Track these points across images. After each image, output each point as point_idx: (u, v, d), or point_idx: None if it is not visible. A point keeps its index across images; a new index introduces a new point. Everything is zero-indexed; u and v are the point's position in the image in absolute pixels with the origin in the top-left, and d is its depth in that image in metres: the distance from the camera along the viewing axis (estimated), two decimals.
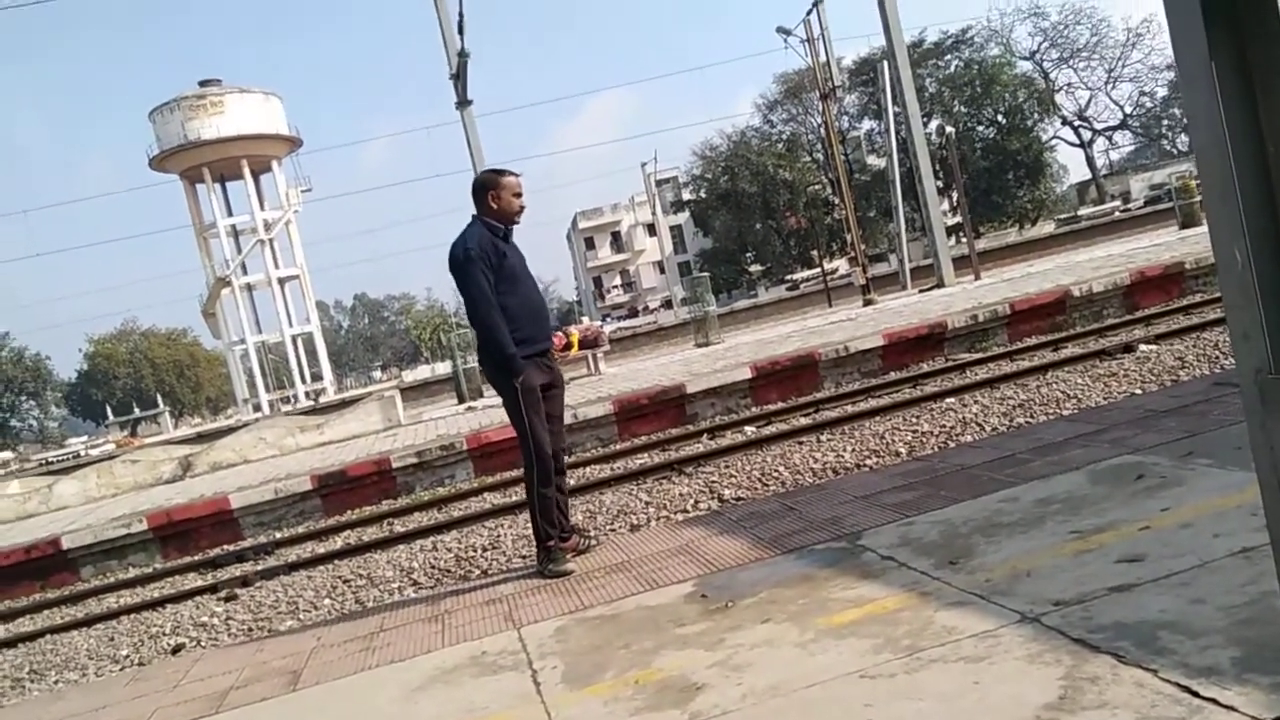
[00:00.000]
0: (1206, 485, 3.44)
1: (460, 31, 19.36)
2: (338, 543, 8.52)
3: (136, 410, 70.21)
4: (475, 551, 6.91)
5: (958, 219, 40.04)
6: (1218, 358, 8.01)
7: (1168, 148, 63.72)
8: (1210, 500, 3.24)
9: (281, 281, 56.46)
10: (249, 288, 56.86)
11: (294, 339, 56.78)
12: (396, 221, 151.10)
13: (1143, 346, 9.35)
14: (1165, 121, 62.11)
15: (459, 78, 19.85)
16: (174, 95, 54.09)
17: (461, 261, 4.35)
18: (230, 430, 22.40)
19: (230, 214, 56.88)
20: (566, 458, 4.92)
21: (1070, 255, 22.92)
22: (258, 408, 52.21)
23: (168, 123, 53.77)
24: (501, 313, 4.34)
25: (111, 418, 69.30)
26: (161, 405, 68.42)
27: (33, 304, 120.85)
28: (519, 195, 4.55)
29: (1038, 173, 53.82)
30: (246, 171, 54.62)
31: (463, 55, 19.62)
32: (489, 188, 4.50)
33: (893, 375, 11.26)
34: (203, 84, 55.74)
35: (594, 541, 4.76)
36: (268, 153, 55.94)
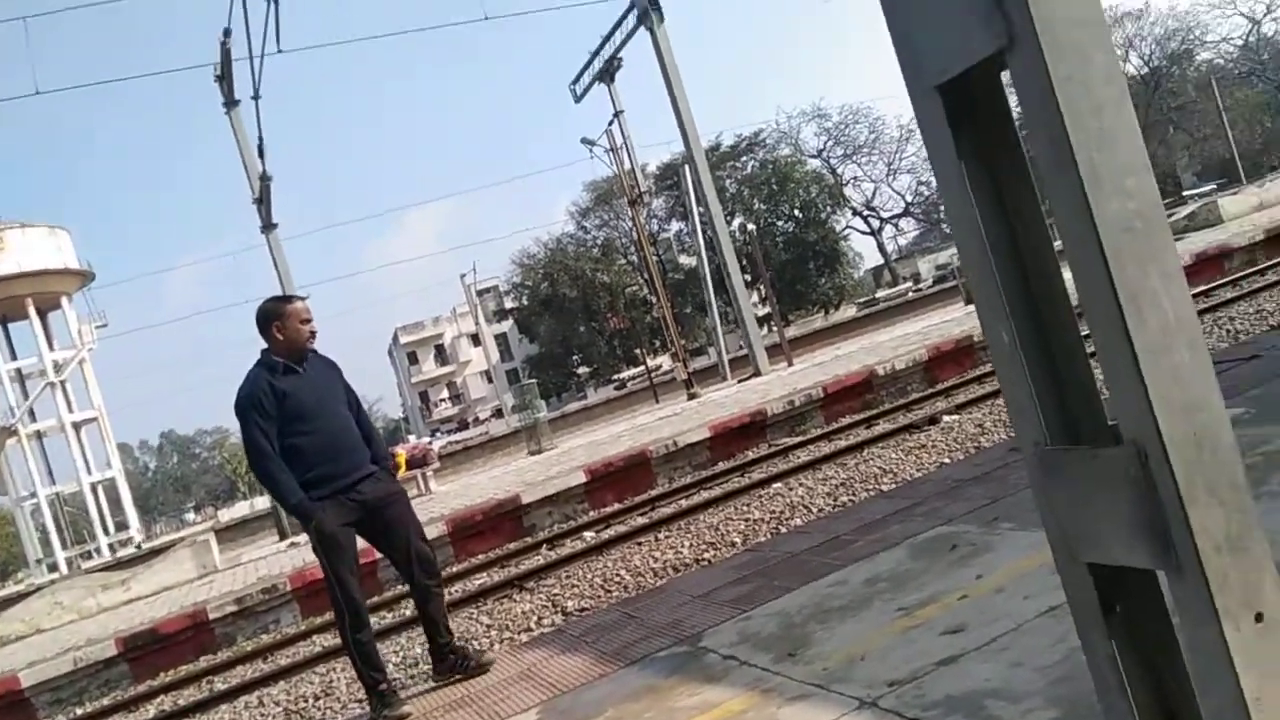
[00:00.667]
0: (1012, 548, 3.64)
1: (260, 155, 18.98)
2: (150, 711, 7.74)
3: None
4: (306, 702, 6.43)
5: (767, 310, 42.03)
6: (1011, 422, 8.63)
7: (947, 230, 69.70)
8: (1017, 563, 3.42)
9: (77, 426, 51.98)
10: (39, 435, 52.08)
11: (94, 487, 52.09)
12: (205, 352, 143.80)
13: (946, 417, 9.96)
14: (942, 207, 68.02)
15: (262, 201, 19.37)
16: None
17: (237, 413, 4.17)
18: (20, 597, 20.14)
19: (14, 357, 52.34)
20: (428, 580, 4.40)
21: (873, 336, 24.41)
22: (53, 568, 47.19)
23: None
24: (281, 461, 4.11)
25: None
26: None
27: None
28: (307, 321, 4.32)
29: (835, 261, 57.50)
30: (32, 310, 50.59)
31: (265, 179, 19.19)
32: (273, 318, 4.27)
33: (721, 465, 11.50)
34: None
35: (473, 663, 4.37)
36: (56, 289, 52.15)
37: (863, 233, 65.78)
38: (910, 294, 48.09)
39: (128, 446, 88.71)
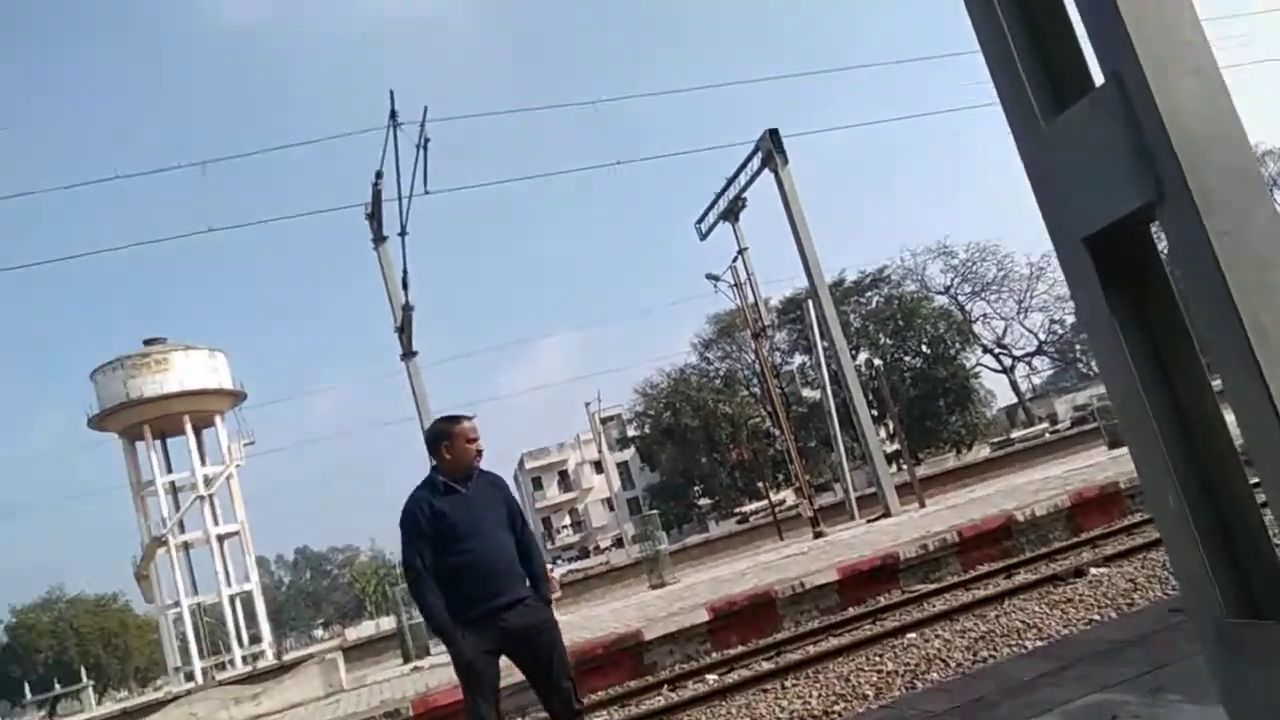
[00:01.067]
0: None
1: (405, 287, 20.08)
2: None
3: (58, 686, 65.17)
4: None
5: (896, 447, 40.96)
6: (1167, 579, 8.01)
7: (1084, 370, 67.07)
8: None
9: (221, 538, 54.53)
10: (186, 546, 54.76)
11: (232, 599, 54.11)
12: (341, 472, 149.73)
13: (1093, 570, 9.35)
14: (1078, 346, 65.73)
15: (404, 330, 20.37)
16: (117, 355, 54.29)
17: (400, 529, 4.29)
18: (159, 705, 20.81)
19: (170, 470, 55.65)
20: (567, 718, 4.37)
21: (1009, 479, 23.34)
22: (190, 676, 48.70)
23: (110, 382, 53.55)
24: (431, 581, 4.16)
25: (29, 696, 64.10)
26: (85, 679, 63.63)
27: None
28: (473, 440, 4.41)
29: (966, 399, 55.95)
30: (188, 427, 54.03)
31: (407, 309, 20.23)
32: (442, 439, 4.39)
33: (851, 610, 11.03)
34: (148, 342, 56.13)
35: None
36: (211, 407, 55.71)
37: (994, 370, 64.12)
38: (1047, 435, 46.15)
39: (264, 560, 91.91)
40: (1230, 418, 1.08)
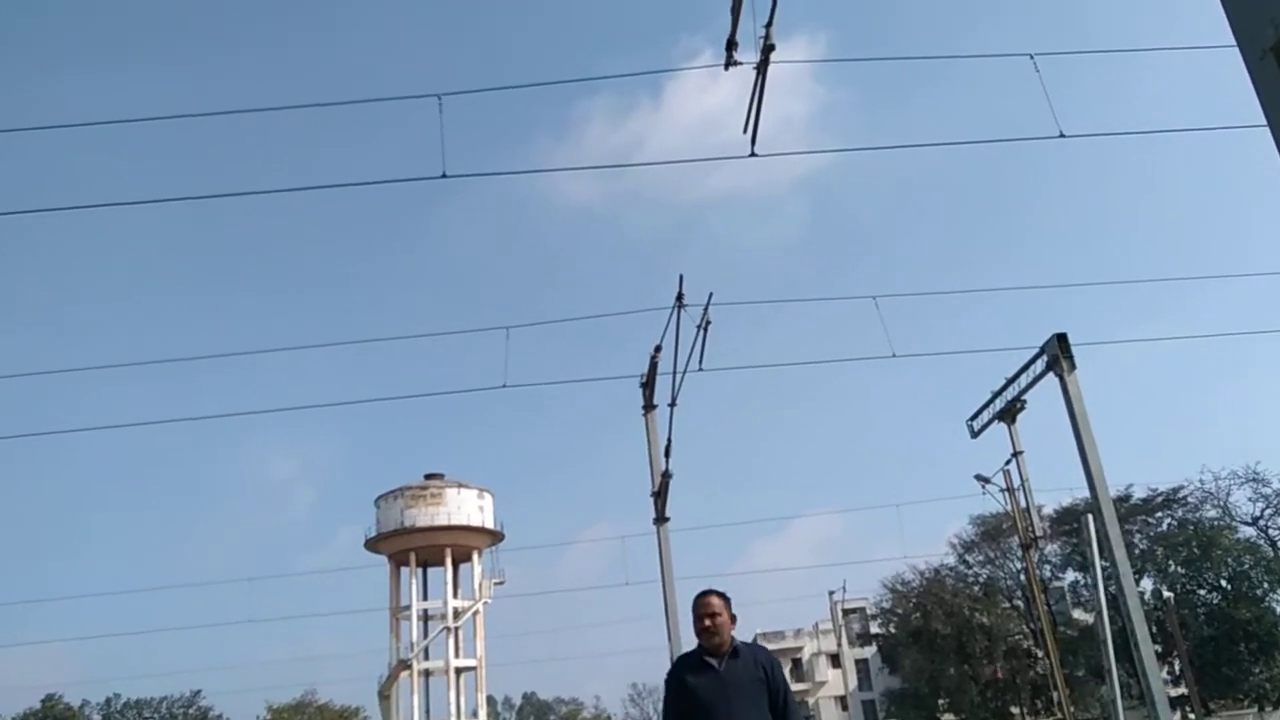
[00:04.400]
0: None
1: (667, 454, 20.80)
2: None
3: None
4: None
5: (1183, 690, 36.06)
6: None
7: None
8: None
9: (459, 671, 56.68)
10: (427, 674, 57.31)
11: None
12: (579, 624, 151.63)
13: None
14: None
15: (660, 496, 20.95)
16: (400, 484, 59.32)
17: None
18: None
19: (425, 598, 59.05)
20: None
21: None
22: None
23: (390, 509, 58.49)
24: None
25: None
26: None
27: (235, 666, 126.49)
28: (700, 618, 4.40)
29: (1274, 648, 48.30)
30: (448, 559, 57.52)
31: (666, 475, 20.85)
32: (692, 612, 4.43)
33: None
34: (428, 476, 61.05)
35: None
36: (471, 544, 59.09)
37: None
38: None
39: (493, 700, 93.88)
40: None
